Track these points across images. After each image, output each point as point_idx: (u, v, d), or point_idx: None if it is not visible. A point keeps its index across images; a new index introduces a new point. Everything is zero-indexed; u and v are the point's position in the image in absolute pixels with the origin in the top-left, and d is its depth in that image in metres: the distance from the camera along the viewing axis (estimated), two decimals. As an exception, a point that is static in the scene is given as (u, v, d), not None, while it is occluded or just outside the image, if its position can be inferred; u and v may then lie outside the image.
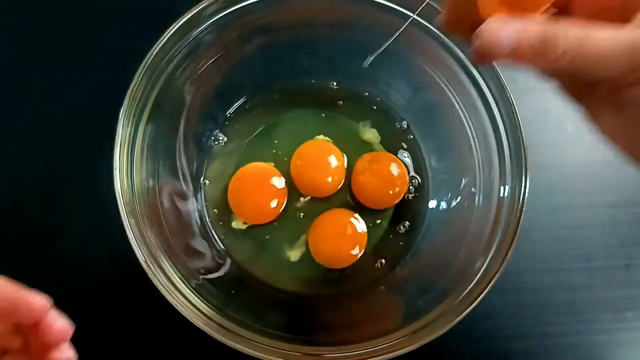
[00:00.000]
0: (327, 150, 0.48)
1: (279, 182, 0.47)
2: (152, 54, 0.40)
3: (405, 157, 0.49)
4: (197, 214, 0.47)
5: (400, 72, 0.47)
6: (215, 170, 0.49)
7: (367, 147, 0.50)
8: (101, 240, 0.47)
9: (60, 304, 0.46)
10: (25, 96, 0.51)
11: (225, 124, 0.50)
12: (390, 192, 0.47)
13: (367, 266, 0.47)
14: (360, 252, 0.46)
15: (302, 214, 0.48)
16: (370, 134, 0.50)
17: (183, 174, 0.47)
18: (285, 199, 0.48)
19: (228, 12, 0.42)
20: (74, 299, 0.46)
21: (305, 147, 0.48)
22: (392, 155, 0.49)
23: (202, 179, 0.48)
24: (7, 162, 0.49)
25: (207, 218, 0.48)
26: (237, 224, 0.48)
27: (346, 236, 0.46)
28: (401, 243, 0.47)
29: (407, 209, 0.48)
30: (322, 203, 0.48)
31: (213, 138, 0.49)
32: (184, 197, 0.46)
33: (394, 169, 0.47)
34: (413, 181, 0.49)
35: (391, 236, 0.48)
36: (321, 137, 0.50)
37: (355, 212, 0.47)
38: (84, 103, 0.51)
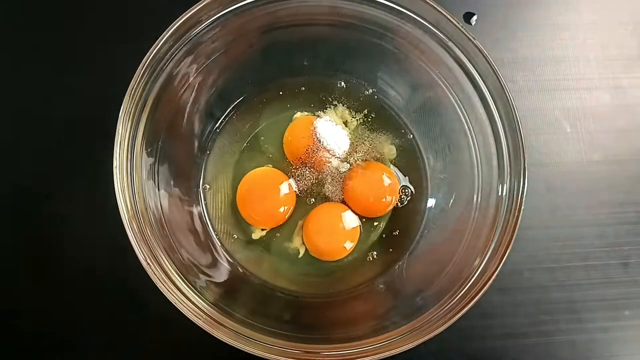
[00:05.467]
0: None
1: (288, 185, 0.48)
2: (151, 54, 0.40)
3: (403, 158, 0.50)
4: (197, 214, 0.47)
5: (400, 71, 0.47)
6: (215, 172, 0.49)
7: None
8: (102, 239, 0.47)
9: (61, 304, 0.47)
10: (26, 96, 0.51)
11: (225, 124, 0.50)
12: (378, 201, 0.47)
13: (366, 265, 0.47)
14: (353, 245, 0.47)
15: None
16: (387, 149, 0.50)
17: (183, 174, 0.47)
18: (295, 200, 0.48)
19: (227, 12, 0.42)
20: (74, 298, 0.47)
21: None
22: (385, 167, 0.49)
23: (202, 179, 0.49)
24: (8, 162, 0.50)
25: (206, 217, 0.48)
26: (256, 235, 0.48)
27: (338, 229, 0.46)
28: (399, 242, 0.47)
29: (406, 209, 0.48)
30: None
31: (212, 138, 0.49)
32: (184, 197, 0.46)
33: (385, 180, 0.47)
34: (405, 190, 0.49)
35: (390, 235, 0.48)
36: (299, 114, 0.49)
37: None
38: (84, 103, 0.51)
